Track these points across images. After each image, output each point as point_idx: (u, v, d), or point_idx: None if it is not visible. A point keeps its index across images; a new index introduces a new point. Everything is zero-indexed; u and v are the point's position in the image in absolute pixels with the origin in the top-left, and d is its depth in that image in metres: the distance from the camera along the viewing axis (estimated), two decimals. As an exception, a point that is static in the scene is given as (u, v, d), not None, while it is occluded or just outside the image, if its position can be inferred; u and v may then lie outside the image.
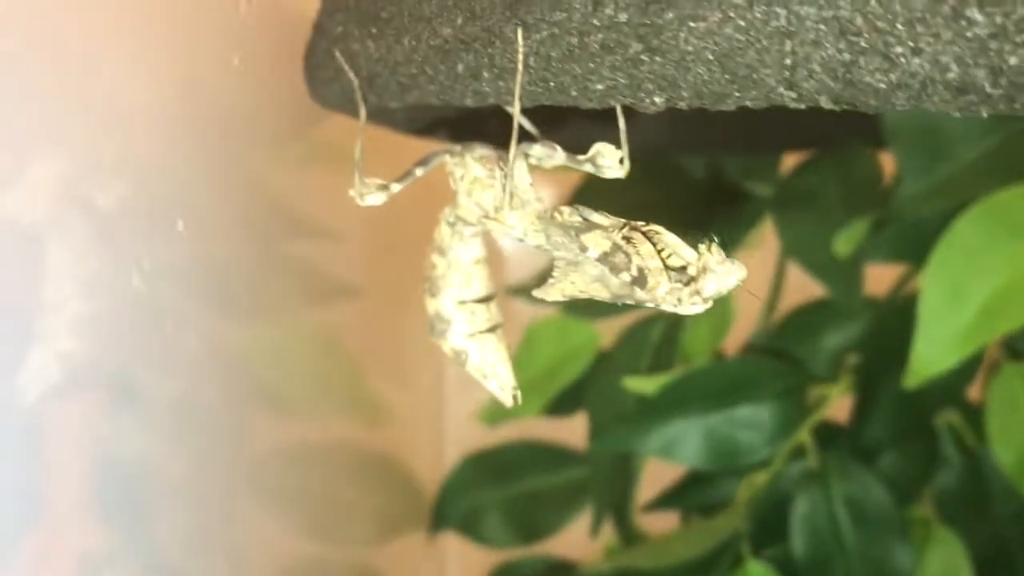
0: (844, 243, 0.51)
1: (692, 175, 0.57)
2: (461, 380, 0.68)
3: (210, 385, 0.51)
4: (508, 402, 0.37)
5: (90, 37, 0.40)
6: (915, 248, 0.52)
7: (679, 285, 0.31)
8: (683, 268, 0.31)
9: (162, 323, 0.46)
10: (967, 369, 0.49)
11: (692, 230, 0.40)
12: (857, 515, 0.52)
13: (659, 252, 0.31)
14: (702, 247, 0.30)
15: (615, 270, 0.31)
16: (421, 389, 0.69)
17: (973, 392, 0.54)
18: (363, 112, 0.35)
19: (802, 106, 0.29)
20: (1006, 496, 0.53)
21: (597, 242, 0.32)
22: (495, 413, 0.60)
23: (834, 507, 0.53)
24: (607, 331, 0.59)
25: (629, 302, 0.32)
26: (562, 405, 0.60)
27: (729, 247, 0.31)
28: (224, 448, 0.53)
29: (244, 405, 0.54)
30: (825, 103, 0.29)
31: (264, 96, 0.47)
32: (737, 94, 0.29)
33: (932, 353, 0.47)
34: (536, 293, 0.33)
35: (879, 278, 0.54)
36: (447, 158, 0.35)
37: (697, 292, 0.31)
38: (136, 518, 0.46)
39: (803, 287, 0.55)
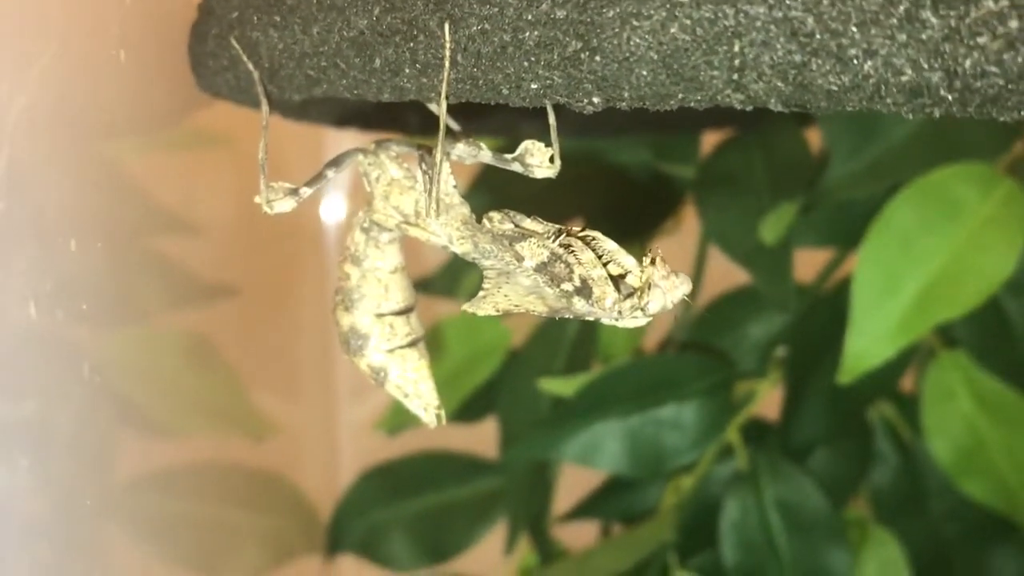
0: (771, 228, 0.53)
1: (607, 157, 0.59)
2: (355, 386, 0.69)
3: (67, 405, 0.50)
4: (432, 423, 0.38)
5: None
6: (845, 232, 0.54)
7: (620, 296, 0.33)
8: (622, 277, 0.33)
9: (6, 335, 0.45)
10: (901, 358, 0.52)
11: (608, 216, 0.42)
12: (790, 518, 0.55)
13: (600, 259, 0.33)
14: (645, 260, 0.32)
15: (555, 280, 0.33)
16: (310, 398, 0.70)
17: (906, 382, 0.58)
18: (265, 109, 0.36)
19: (749, 108, 0.31)
20: (943, 492, 0.57)
21: (533, 251, 0.33)
22: (395, 421, 0.61)
23: (766, 510, 0.55)
24: (519, 329, 0.61)
25: (567, 315, 0.34)
26: (471, 410, 0.61)
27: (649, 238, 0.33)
28: (87, 475, 0.52)
29: (108, 425, 0.54)
30: (774, 105, 0.31)
31: (136, 78, 0.47)
32: (681, 95, 0.31)
33: (866, 345, 0.50)
34: (467, 308, 0.34)
35: (808, 264, 0.57)
36: (360, 157, 0.36)
37: (640, 308, 0.32)
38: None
39: (727, 275, 0.57)
